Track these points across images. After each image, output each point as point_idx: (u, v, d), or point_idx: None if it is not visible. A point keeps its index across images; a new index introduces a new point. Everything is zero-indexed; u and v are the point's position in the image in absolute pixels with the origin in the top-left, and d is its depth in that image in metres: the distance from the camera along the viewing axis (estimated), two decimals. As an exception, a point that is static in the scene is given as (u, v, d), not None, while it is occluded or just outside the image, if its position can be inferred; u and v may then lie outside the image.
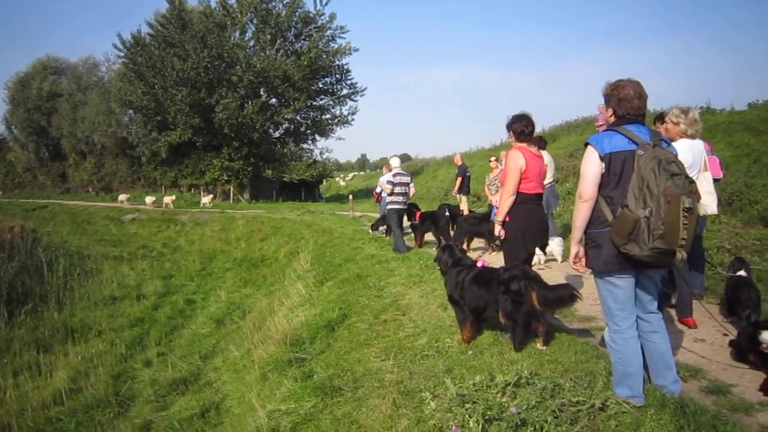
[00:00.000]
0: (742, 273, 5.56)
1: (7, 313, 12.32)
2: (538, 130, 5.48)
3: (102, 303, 14.06)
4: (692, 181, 3.17)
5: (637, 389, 3.44)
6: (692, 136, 4.93)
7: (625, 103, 3.41)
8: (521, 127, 5.08)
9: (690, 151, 4.74)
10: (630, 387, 3.45)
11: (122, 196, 36.70)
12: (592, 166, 3.39)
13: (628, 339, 3.47)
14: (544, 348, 4.62)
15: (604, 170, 3.36)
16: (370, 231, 13.46)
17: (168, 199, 32.38)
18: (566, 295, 4.55)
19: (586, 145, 3.48)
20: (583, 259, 3.58)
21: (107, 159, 48.11)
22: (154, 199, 33.86)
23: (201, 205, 31.17)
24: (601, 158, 3.36)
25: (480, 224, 9.90)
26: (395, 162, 10.85)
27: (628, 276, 3.42)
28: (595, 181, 3.39)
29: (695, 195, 3.16)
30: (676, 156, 3.26)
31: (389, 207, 10.57)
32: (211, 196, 33.06)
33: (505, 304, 4.62)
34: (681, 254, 3.14)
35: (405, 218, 11.15)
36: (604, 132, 3.49)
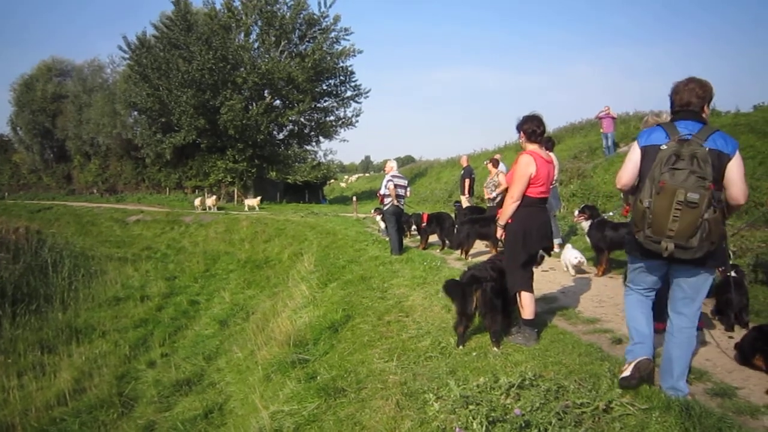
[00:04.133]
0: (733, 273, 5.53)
1: (11, 314, 12.37)
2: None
3: (106, 304, 14.11)
4: (703, 177, 3.21)
5: (636, 338, 3.82)
6: None
7: (675, 98, 3.63)
8: (532, 128, 4.96)
9: None
10: (632, 338, 3.86)
11: (197, 200, 31.26)
12: (632, 155, 3.69)
13: (630, 301, 3.90)
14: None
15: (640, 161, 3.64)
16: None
17: (210, 201, 30.31)
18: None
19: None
20: None
21: (112, 160, 48.26)
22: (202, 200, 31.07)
23: (246, 209, 29.53)
24: (640, 150, 3.63)
25: (489, 226, 9.86)
26: (392, 164, 11.03)
27: (644, 263, 3.71)
28: (629, 169, 3.70)
29: (707, 192, 3.20)
30: (704, 152, 3.27)
31: (386, 208, 10.63)
32: (259, 198, 31.21)
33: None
34: (666, 244, 3.31)
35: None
36: (651, 127, 3.71)
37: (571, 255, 8.26)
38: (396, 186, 10.46)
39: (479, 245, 10.71)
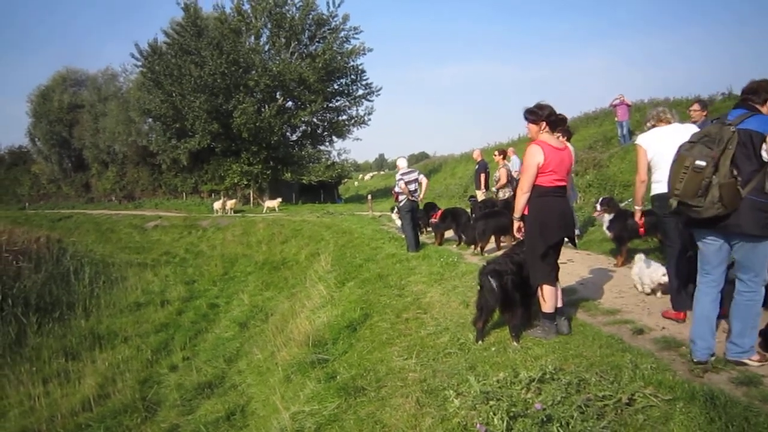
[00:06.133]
0: None
1: (36, 322, 12.54)
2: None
3: (127, 310, 14.25)
4: (710, 148, 3.69)
5: (696, 335, 4.02)
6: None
7: (746, 87, 4.03)
8: (528, 115, 4.96)
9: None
10: (694, 331, 4.05)
11: (217, 204, 31.22)
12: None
13: (699, 290, 4.10)
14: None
15: None
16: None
17: (229, 204, 30.39)
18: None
19: None
20: None
21: (129, 168, 48.68)
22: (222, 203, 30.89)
23: (265, 210, 29.48)
24: None
25: (503, 220, 9.78)
26: (402, 163, 11.05)
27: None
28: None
29: (712, 159, 3.65)
30: (728, 131, 3.70)
31: (401, 204, 10.66)
32: (279, 199, 30.96)
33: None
34: (671, 201, 3.94)
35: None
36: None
37: (658, 271, 6.12)
38: (407, 183, 10.45)
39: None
